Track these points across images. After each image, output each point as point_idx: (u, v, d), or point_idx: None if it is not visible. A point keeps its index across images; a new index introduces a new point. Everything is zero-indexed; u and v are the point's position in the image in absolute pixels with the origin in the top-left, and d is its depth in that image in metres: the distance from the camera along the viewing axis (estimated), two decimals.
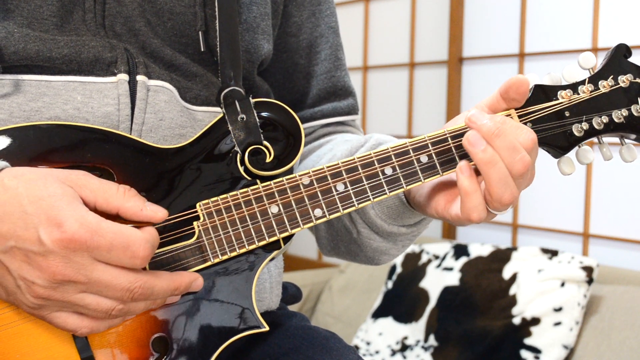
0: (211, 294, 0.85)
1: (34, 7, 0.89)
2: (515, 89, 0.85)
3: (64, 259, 0.73)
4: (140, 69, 0.91)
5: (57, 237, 0.72)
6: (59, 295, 0.75)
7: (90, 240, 0.73)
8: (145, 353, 0.83)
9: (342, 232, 1.01)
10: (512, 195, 0.82)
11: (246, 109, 0.89)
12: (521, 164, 0.82)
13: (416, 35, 2.89)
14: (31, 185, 0.74)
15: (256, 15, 1.03)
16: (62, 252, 0.73)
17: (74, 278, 0.74)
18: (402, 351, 2.33)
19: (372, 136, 1.01)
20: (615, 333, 1.99)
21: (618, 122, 0.89)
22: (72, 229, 0.72)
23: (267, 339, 1.01)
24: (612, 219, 2.29)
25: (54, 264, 0.73)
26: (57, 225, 0.72)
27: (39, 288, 0.74)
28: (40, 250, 0.73)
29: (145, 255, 0.75)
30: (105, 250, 0.74)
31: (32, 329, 0.80)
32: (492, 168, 0.81)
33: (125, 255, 0.74)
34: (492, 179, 0.82)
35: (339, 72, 1.14)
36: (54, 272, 0.73)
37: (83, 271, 0.74)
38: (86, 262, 0.74)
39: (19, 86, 0.87)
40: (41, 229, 0.72)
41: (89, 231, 0.73)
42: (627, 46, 0.90)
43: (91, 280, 0.74)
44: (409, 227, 0.97)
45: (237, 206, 0.85)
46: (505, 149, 0.82)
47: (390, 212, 0.95)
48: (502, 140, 0.82)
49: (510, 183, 0.82)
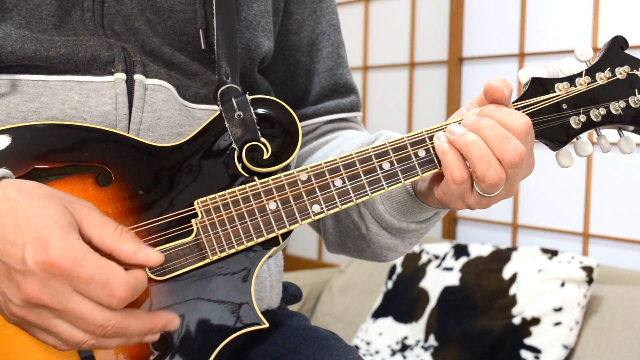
0: (210, 291, 0.85)
1: (32, 7, 0.89)
2: (490, 95, 0.85)
3: (41, 283, 0.71)
4: (137, 68, 0.91)
5: (40, 259, 0.71)
6: (34, 318, 0.74)
7: (70, 268, 0.71)
8: (145, 351, 0.83)
9: (350, 228, 1.01)
10: (497, 174, 0.82)
11: (243, 106, 0.89)
12: (513, 152, 0.82)
13: (416, 35, 2.89)
14: (32, 201, 0.73)
15: (256, 12, 1.03)
16: (41, 275, 0.71)
17: (49, 304, 0.72)
18: (402, 351, 2.33)
19: (383, 133, 1.00)
20: (615, 333, 1.99)
21: (616, 113, 0.89)
22: (56, 254, 0.71)
23: (267, 338, 1.00)
24: (612, 219, 2.28)
25: (31, 286, 0.71)
26: (43, 246, 0.71)
27: (15, 307, 0.73)
28: (21, 268, 0.72)
29: (122, 296, 0.73)
30: (84, 282, 0.72)
31: None
32: (472, 147, 0.82)
33: (102, 292, 0.72)
34: (474, 158, 0.82)
35: (340, 69, 1.14)
36: (29, 294, 0.72)
37: (59, 298, 0.72)
38: (63, 290, 0.72)
39: (16, 86, 0.87)
40: (27, 247, 0.71)
41: (71, 259, 0.71)
42: (624, 38, 0.89)
43: (65, 309, 0.72)
44: (418, 223, 0.97)
45: (235, 203, 0.84)
46: (495, 139, 0.82)
47: (400, 207, 0.95)
48: (490, 130, 0.82)
49: (493, 162, 0.82)
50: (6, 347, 0.79)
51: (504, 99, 0.85)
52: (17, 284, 0.72)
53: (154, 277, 0.82)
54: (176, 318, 0.80)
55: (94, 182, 0.83)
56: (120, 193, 0.84)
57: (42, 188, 0.76)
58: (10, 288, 0.73)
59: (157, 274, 0.82)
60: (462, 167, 0.83)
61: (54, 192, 0.76)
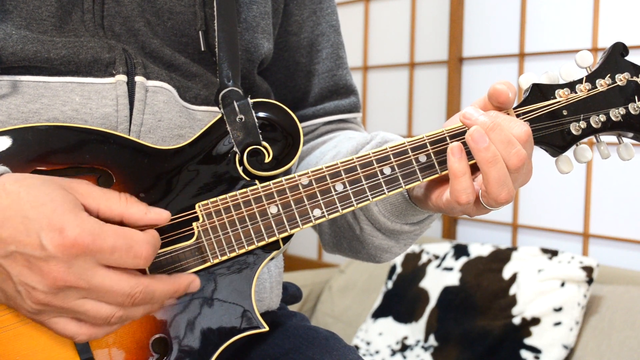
0: (211, 294, 0.85)
1: (33, 8, 0.89)
2: (496, 98, 0.86)
3: (65, 264, 0.72)
4: (138, 70, 0.91)
5: (59, 242, 0.72)
6: (59, 302, 0.74)
7: (92, 243, 0.72)
8: (145, 354, 0.83)
9: (345, 229, 1.01)
10: (509, 194, 0.82)
11: (245, 110, 0.89)
12: (517, 157, 0.82)
13: (416, 35, 2.89)
14: (33, 190, 0.74)
15: (256, 14, 1.03)
16: (64, 257, 0.72)
17: (75, 284, 0.73)
18: (402, 351, 2.33)
19: (378, 134, 1.00)
20: (615, 333, 1.99)
21: (616, 120, 0.89)
22: (73, 234, 0.72)
23: (267, 339, 1.01)
24: (612, 219, 2.28)
25: (55, 269, 0.72)
26: (58, 230, 0.72)
27: (40, 294, 0.74)
28: (42, 255, 0.72)
29: (147, 255, 0.75)
30: (108, 252, 0.73)
31: (32, 331, 0.80)
32: (493, 167, 0.81)
33: (128, 256, 0.74)
34: (491, 178, 0.82)
35: (340, 70, 1.14)
36: (55, 278, 0.72)
37: (84, 276, 0.73)
38: (88, 267, 0.73)
39: (17, 87, 0.87)
40: (43, 234, 0.72)
41: (90, 235, 0.72)
42: (623, 45, 0.90)
43: (92, 285, 0.74)
44: (411, 225, 0.97)
45: (236, 207, 0.85)
46: (501, 143, 0.82)
47: (394, 209, 0.95)
48: (497, 133, 0.82)
49: (508, 182, 0.82)
50: (6, 349, 0.79)
51: (509, 103, 0.85)
52: (39, 271, 0.73)
53: None
54: (197, 279, 0.82)
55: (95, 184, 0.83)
56: None
57: (35, 176, 0.76)
58: (32, 276, 0.73)
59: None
60: (471, 192, 0.83)
61: (49, 177, 0.77)
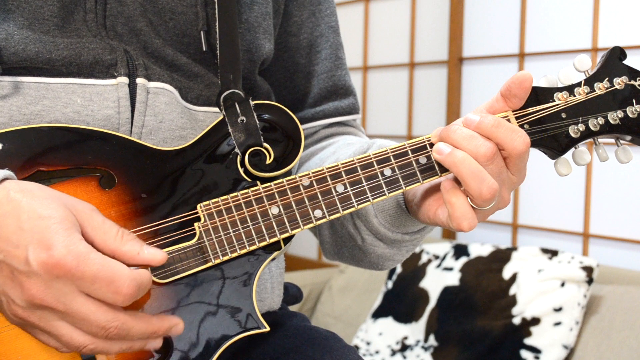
0: (212, 295, 0.85)
1: (35, 8, 0.89)
2: (519, 84, 0.86)
3: (45, 284, 0.71)
4: (140, 71, 0.91)
5: (43, 260, 0.70)
6: (36, 319, 0.73)
7: (75, 268, 0.71)
8: (146, 354, 0.83)
9: (346, 239, 1.01)
10: (491, 188, 0.82)
11: (246, 111, 0.89)
12: (484, 148, 0.83)
13: (416, 35, 2.89)
14: (35, 202, 0.73)
15: (257, 14, 1.03)
16: (45, 276, 0.71)
17: (53, 305, 0.72)
18: (402, 351, 2.33)
19: (375, 142, 1.00)
20: (615, 333, 1.99)
21: (614, 123, 0.90)
22: (59, 254, 0.70)
23: (268, 339, 1.01)
24: (612, 219, 2.29)
25: (35, 287, 0.71)
26: (46, 247, 0.71)
27: (18, 308, 0.73)
28: (25, 269, 0.71)
29: (128, 292, 0.72)
30: (89, 281, 0.71)
31: None
32: (461, 166, 0.82)
33: (108, 289, 0.72)
34: (465, 176, 0.82)
35: (339, 71, 1.14)
36: (33, 295, 0.71)
37: (62, 299, 0.72)
38: (68, 291, 0.72)
39: (19, 88, 0.87)
40: (30, 248, 0.71)
41: (75, 259, 0.71)
42: (621, 49, 0.91)
43: (69, 310, 0.72)
44: (412, 234, 0.97)
45: (238, 207, 0.85)
46: (464, 140, 0.83)
47: (393, 220, 0.95)
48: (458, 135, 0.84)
49: (485, 177, 0.82)
50: (8, 348, 0.79)
51: (529, 90, 0.87)
52: (20, 285, 0.72)
53: (156, 280, 0.82)
54: (180, 322, 0.79)
55: (97, 185, 0.83)
56: (123, 196, 0.84)
57: (44, 189, 0.75)
58: (14, 289, 0.73)
59: (159, 277, 0.82)
60: (471, 218, 0.84)
61: (56, 193, 0.76)
